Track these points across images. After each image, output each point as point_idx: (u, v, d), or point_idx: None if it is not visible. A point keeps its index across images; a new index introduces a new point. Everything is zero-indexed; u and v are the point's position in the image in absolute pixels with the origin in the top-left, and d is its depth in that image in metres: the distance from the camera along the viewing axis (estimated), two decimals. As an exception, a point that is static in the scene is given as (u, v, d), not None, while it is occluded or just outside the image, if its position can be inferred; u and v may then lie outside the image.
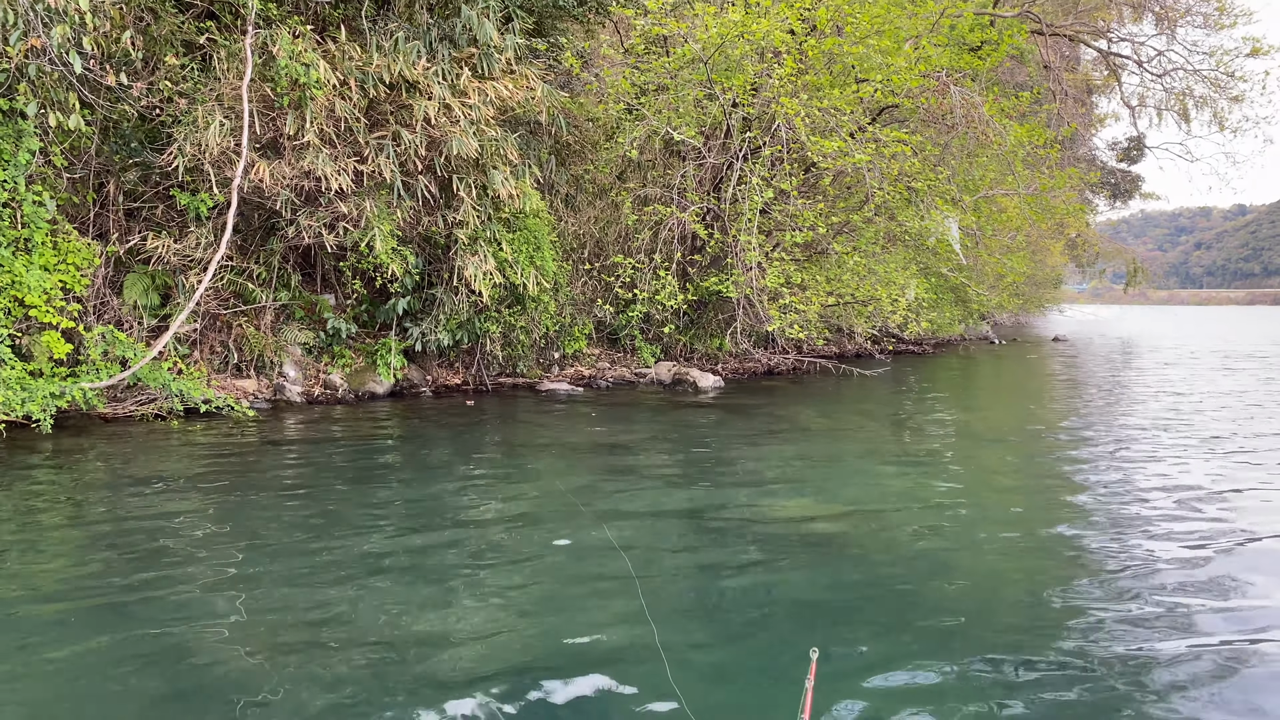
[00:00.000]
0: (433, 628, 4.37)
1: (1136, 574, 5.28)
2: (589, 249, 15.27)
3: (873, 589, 5.04)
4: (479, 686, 3.77)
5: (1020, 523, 6.53)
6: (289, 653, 4.08)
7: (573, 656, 4.08)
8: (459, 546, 5.73)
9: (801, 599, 4.86)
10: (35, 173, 9.51)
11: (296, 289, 12.33)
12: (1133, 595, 4.92)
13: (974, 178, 15.55)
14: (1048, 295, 39.74)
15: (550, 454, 9.00)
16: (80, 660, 4.02)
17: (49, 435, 8.96)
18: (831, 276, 15.31)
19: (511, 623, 4.47)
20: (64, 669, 3.94)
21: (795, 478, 7.97)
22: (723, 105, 13.28)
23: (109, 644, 4.17)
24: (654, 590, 4.93)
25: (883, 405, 13.60)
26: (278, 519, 6.34)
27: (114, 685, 3.78)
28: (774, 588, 5.04)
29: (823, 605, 4.79)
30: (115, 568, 5.27)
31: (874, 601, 4.84)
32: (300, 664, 3.96)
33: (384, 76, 10.81)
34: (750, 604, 4.80)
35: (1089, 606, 4.75)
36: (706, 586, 5.07)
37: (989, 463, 9.11)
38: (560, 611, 4.63)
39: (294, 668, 3.92)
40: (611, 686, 3.80)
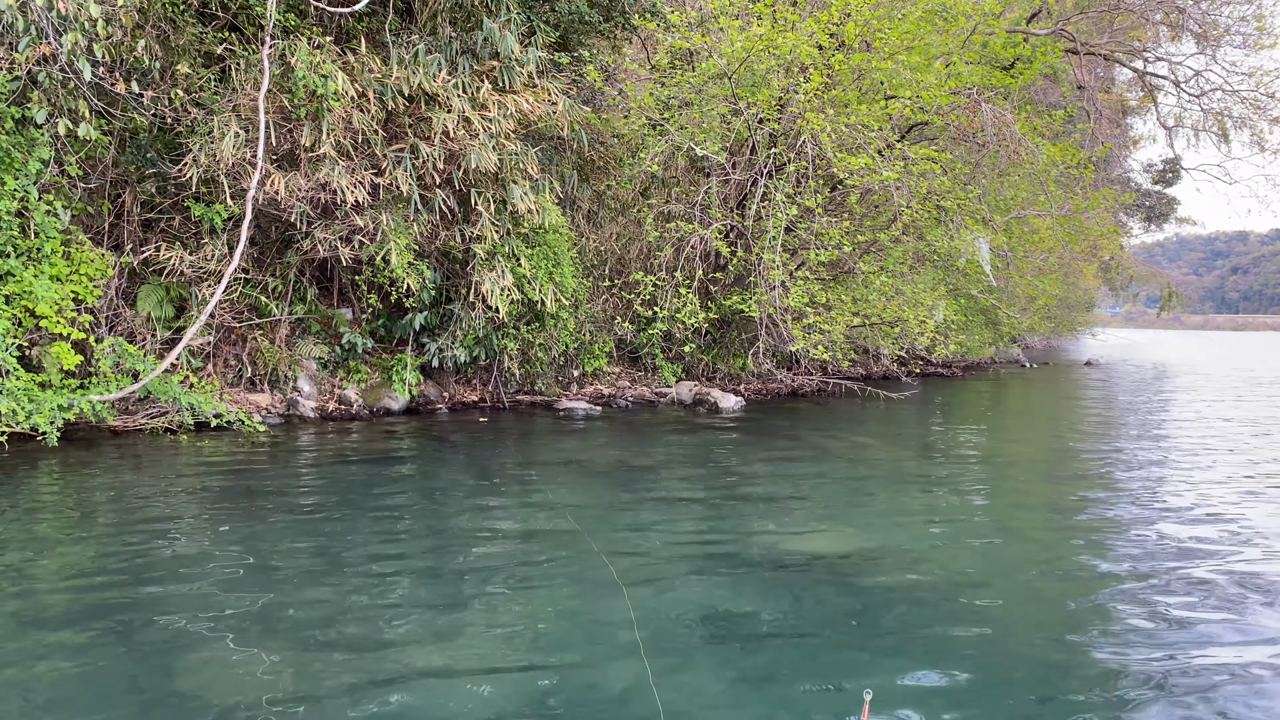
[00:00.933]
0: (414, 663, 4.12)
1: (1173, 609, 4.94)
2: (610, 266, 15.05)
3: (898, 628, 4.73)
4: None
5: (1051, 556, 6.19)
6: (279, 677, 3.87)
7: (560, 707, 3.80)
8: (457, 579, 5.48)
9: (818, 636, 4.56)
10: (49, 182, 9.42)
11: (313, 303, 12.18)
12: (1169, 630, 4.59)
13: (1005, 197, 15.20)
14: (1080, 318, 39.09)
15: (564, 476, 8.74)
16: (78, 677, 3.90)
17: (56, 448, 8.82)
18: (858, 296, 14.99)
19: (500, 660, 4.21)
20: (62, 684, 3.82)
21: (816, 505, 7.66)
22: (747, 121, 13.04)
23: (105, 666, 4.04)
24: (662, 629, 4.65)
25: (909, 429, 13.25)
26: (280, 540, 6.13)
27: (108, 704, 3.64)
28: (790, 625, 4.74)
29: (843, 645, 4.48)
30: (114, 586, 5.11)
31: (899, 641, 4.54)
32: (288, 689, 3.72)
33: (403, 89, 10.67)
34: (764, 645, 4.50)
35: (1120, 642, 4.42)
36: (718, 625, 4.77)
37: (1019, 491, 8.75)
38: (556, 652, 4.36)
39: (283, 693, 3.70)
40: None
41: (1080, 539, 6.74)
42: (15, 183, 8.19)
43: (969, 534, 6.82)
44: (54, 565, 5.57)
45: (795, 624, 4.76)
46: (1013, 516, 7.60)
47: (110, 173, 10.41)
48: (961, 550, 6.27)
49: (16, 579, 5.25)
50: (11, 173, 8.21)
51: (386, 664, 4.10)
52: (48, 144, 8.45)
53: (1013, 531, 7.01)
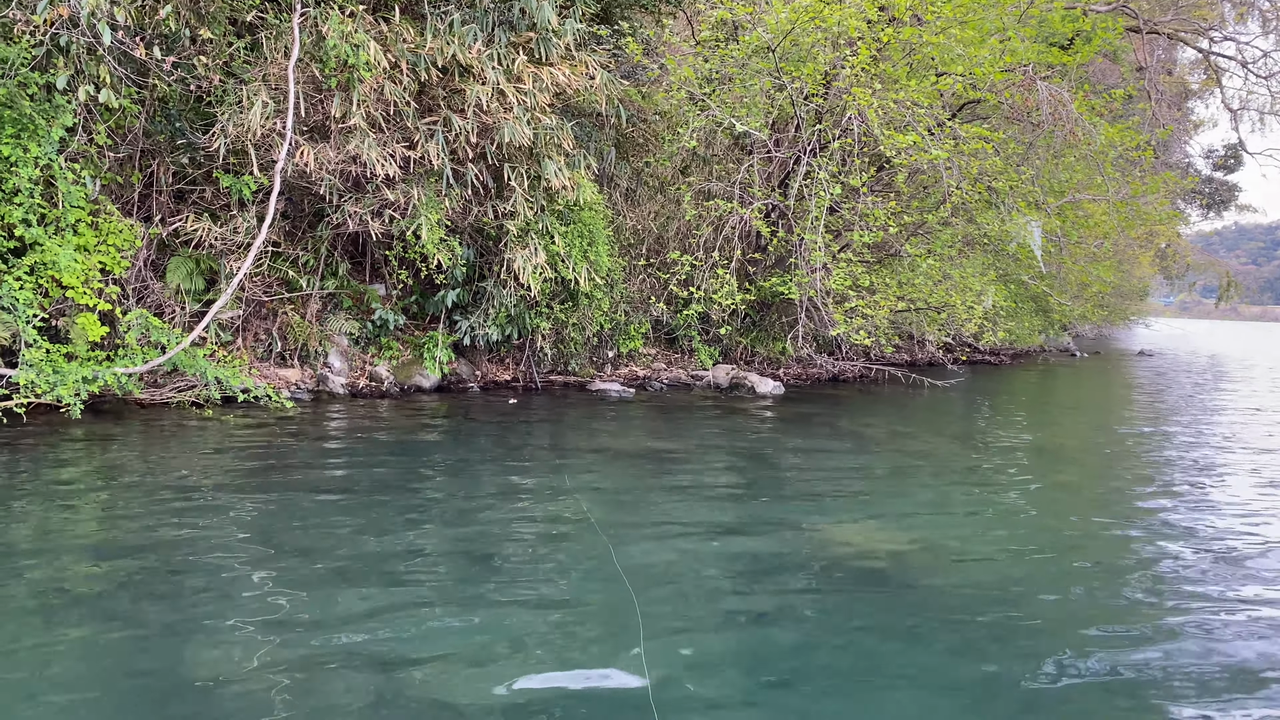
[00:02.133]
0: (406, 653, 3.87)
1: (1233, 616, 4.55)
2: (648, 245, 14.72)
3: (939, 633, 4.40)
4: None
5: (1102, 554, 5.81)
6: (286, 662, 3.71)
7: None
8: (468, 571, 5.24)
9: (852, 637, 4.24)
10: (77, 151, 9.29)
11: (345, 278, 12.00)
12: (1230, 638, 4.20)
13: (1059, 180, 14.60)
14: (1133, 307, 38.04)
15: (591, 462, 8.47)
16: (94, 654, 3.84)
17: (81, 420, 8.71)
18: (904, 280, 14.52)
19: (496, 658, 3.94)
20: (77, 661, 3.79)
21: (852, 497, 7.31)
22: (791, 96, 12.61)
23: (121, 643, 3.98)
24: (676, 629, 4.35)
25: (954, 419, 12.81)
26: (300, 519, 5.95)
27: (119, 684, 3.62)
28: (820, 625, 4.42)
29: (878, 648, 4.16)
30: (132, 562, 4.99)
31: (941, 649, 4.20)
32: (297, 676, 3.52)
33: (437, 60, 10.39)
34: (789, 648, 4.19)
35: (1175, 646, 4.05)
36: (742, 628, 4.47)
37: (1067, 486, 8.33)
38: (555, 656, 4.09)
39: (289, 679, 3.57)
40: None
41: (1132, 537, 6.33)
42: (39, 149, 8.04)
43: (1014, 530, 6.44)
44: (71, 539, 5.46)
45: (825, 624, 4.44)
46: (1060, 512, 7.20)
47: (141, 142, 10.27)
48: (1006, 547, 5.90)
49: (33, 552, 5.13)
50: (35, 140, 8.06)
51: (395, 657, 3.86)
52: (71, 111, 8.28)
53: (1060, 528, 6.62)
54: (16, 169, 8.11)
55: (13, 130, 8.08)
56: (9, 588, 4.60)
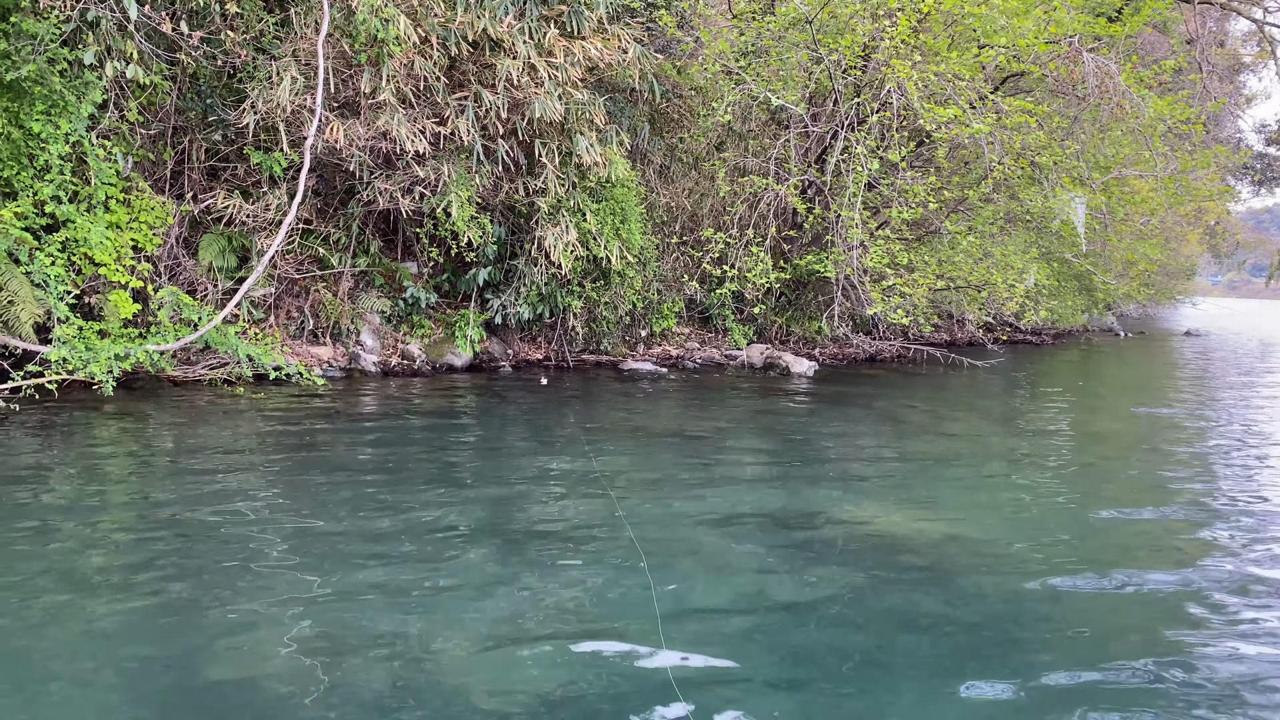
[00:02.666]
0: (431, 635, 3.78)
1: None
2: (682, 223, 14.53)
3: (971, 625, 4.24)
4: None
5: (1146, 545, 5.59)
6: (312, 641, 3.65)
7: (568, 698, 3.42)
8: (494, 550, 5.14)
9: (883, 629, 4.09)
10: (109, 128, 9.27)
11: (376, 255, 11.95)
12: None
13: (1105, 154, 14.18)
14: (1179, 286, 37.16)
15: (619, 442, 8.36)
16: (120, 636, 3.82)
17: (113, 397, 8.73)
18: (943, 258, 14.21)
19: (513, 641, 3.84)
20: (104, 643, 3.78)
21: (888, 482, 7.13)
22: (829, 69, 12.32)
23: (147, 624, 3.95)
24: (701, 620, 4.23)
25: (994, 400, 12.54)
26: (328, 497, 5.92)
27: (146, 663, 3.60)
28: (850, 617, 4.28)
29: (910, 642, 4.01)
30: (161, 543, 4.97)
31: (973, 642, 4.04)
32: (321, 656, 3.46)
33: (467, 34, 10.26)
34: (814, 643, 4.05)
35: (1227, 648, 3.86)
36: (769, 616, 4.34)
37: (1110, 471, 8.09)
38: (583, 638, 3.98)
39: (314, 659, 3.50)
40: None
41: (1178, 527, 6.11)
42: (69, 126, 8.02)
43: (1053, 517, 6.24)
44: (102, 517, 5.46)
45: (853, 612, 4.30)
46: (1103, 499, 6.98)
47: (173, 119, 10.25)
48: (1044, 535, 5.71)
49: (64, 530, 5.14)
50: (65, 116, 8.04)
51: (418, 637, 3.78)
52: (101, 87, 8.25)
53: (1102, 516, 6.40)
54: (47, 145, 8.10)
55: (43, 107, 8.06)
56: (41, 564, 4.59)
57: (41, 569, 4.51)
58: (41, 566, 4.54)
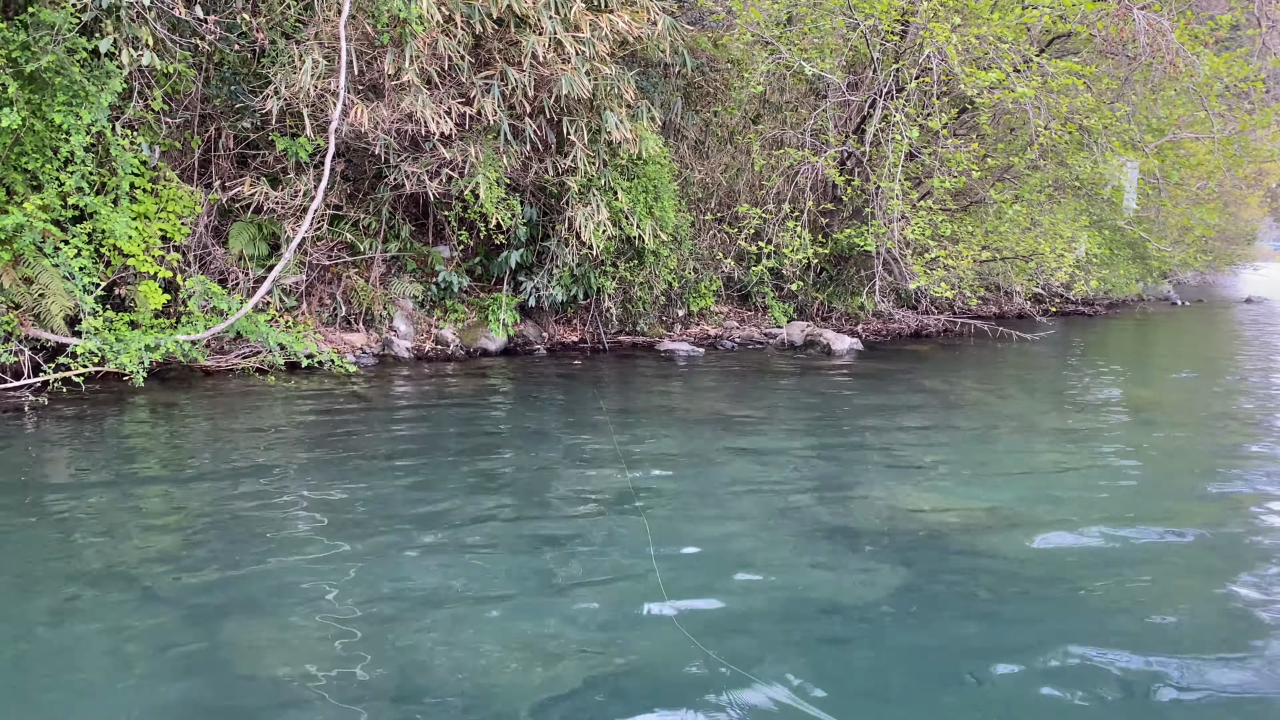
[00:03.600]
0: (455, 631, 3.61)
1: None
2: (718, 199, 14.22)
3: (1020, 614, 3.98)
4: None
5: (1207, 530, 5.26)
6: (339, 634, 3.57)
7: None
8: (524, 545, 4.98)
9: (928, 618, 3.85)
10: (135, 117, 9.21)
11: (408, 240, 11.82)
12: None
13: (1158, 116, 13.59)
14: (1239, 252, 35.93)
15: (656, 425, 8.15)
16: (152, 631, 3.80)
17: (145, 388, 8.70)
18: (989, 228, 13.74)
19: (541, 642, 3.66)
20: (135, 637, 3.75)
21: (933, 464, 6.84)
22: (865, 34, 11.91)
23: (177, 617, 3.93)
24: (736, 612, 4.02)
25: (1045, 375, 12.12)
26: (360, 488, 5.83)
27: (178, 658, 3.58)
28: (898, 605, 4.04)
29: (952, 638, 3.76)
30: (193, 533, 4.94)
31: (1022, 632, 3.79)
32: (340, 652, 3.29)
33: (491, 11, 10.03)
34: (853, 634, 3.82)
35: None
36: (804, 606, 4.11)
37: (1167, 448, 7.71)
38: (608, 640, 3.78)
39: (340, 652, 3.35)
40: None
41: (1243, 507, 5.76)
42: (90, 116, 7.95)
43: (1108, 499, 5.92)
44: (134, 506, 5.44)
45: (896, 600, 4.05)
46: (1160, 479, 6.64)
47: (199, 107, 10.16)
48: (1099, 518, 5.40)
49: (97, 523, 5.10)
50: (87, 107, 7.97)
51: (447, 645, 3.61)
52: (121, 76, 8.16)
53: (1160, 498, 6.07)
54: (70, 137, 8.04)
55: (64, 98, 7.99)
56: (76, 559, 4.55)
57: (71, 568, 4.43)
58: (71, 566, 4.46)
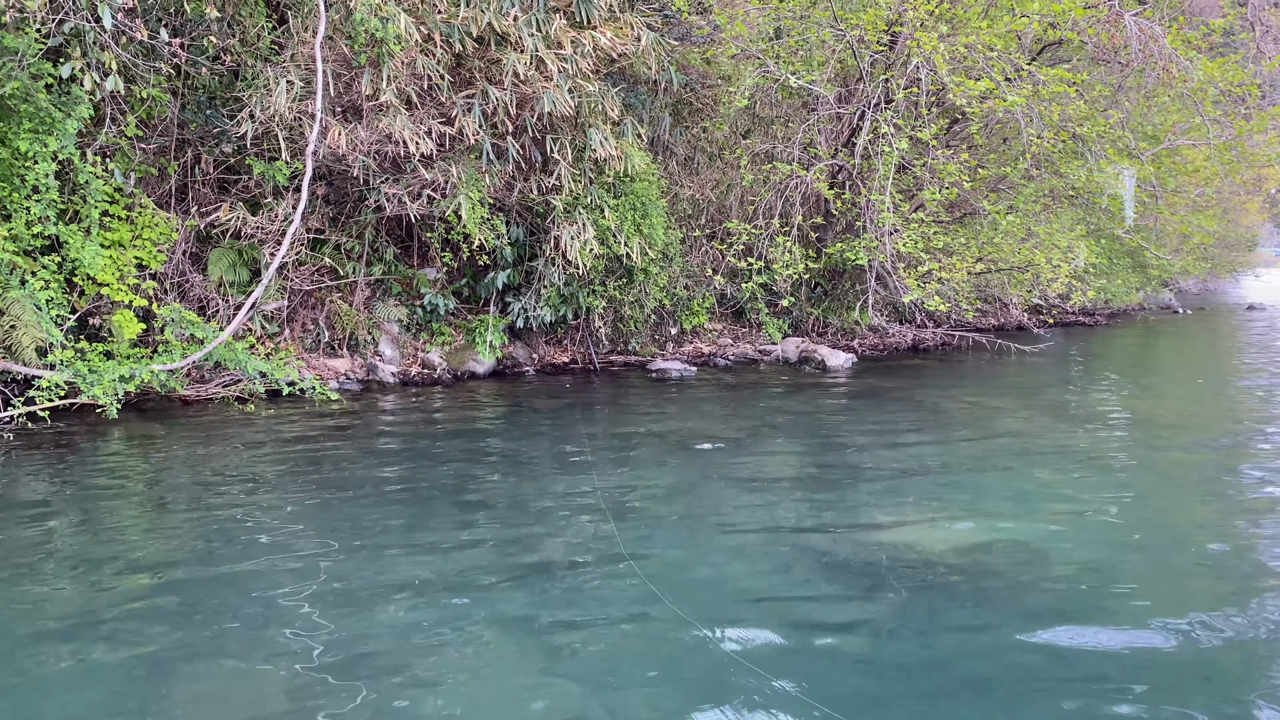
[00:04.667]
0: (433, 678, 3.38)
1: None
2: (709, 215, 14.02)
3: (1023, 655, 3.74)
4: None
5: (1220, 556, 5.02)
6: (318, 679, 3.45)
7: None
8: (507, 584, 4.74)
9: (918, 665, 3.61)
10: (107, 144, 9.04)
11: (392, 263, 11.63)
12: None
13: (1153, 123, 13.39)
14: (1240, 258, 35.67)
15: (644, 450, 7.92)
16: (127, 671, 3.70)
17: (119, 420, 8.48)
18: (984, 240, 13.53)
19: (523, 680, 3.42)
20: (109, 677, 3.66)
21: (930, 487, 6.61)
22: (851, 45, 11.73)
23: (151, 661, 3.78)
24: (732, 643, 3.78)
25: (1044, 389, 11.87)
26: (338, 525, 5.63)
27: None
28: (883, 653, 3.80)
29: (950, 681, 3.52)
30: (163, 571, 4.80)
31: (1025, 674, 3.55)
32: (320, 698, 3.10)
33: (471, 29, 9.87)
34: (846, 676, 3.58)
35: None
36: (793, 643, 3.87)
37: (1174, 467, 7.47)
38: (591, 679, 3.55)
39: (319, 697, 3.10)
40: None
41: (1256, 532, 5.52)
42: (56, 143, 7.77)
43: (1113, 523, 5.69)
44: (100, 548, 5.23)
45: (891, 640, 3.82)
46: (1167, 501, 6.40)
47: (175, 132, 9.99)
48: (1103, 545, 5.16)
49: (66, 565, 4.93)
50: (53, 134, 7.79)
51: (423, 678, 3.38)
52: (89, 102, 7.98)
53: (1168, 522, 5.83)
54: (36, 164, 7.86)
55: (30, 125, 7.82)
56: (41, 601, 4.37)
57: (35, 611, 4.21)
58: (35, 609, 4.23)
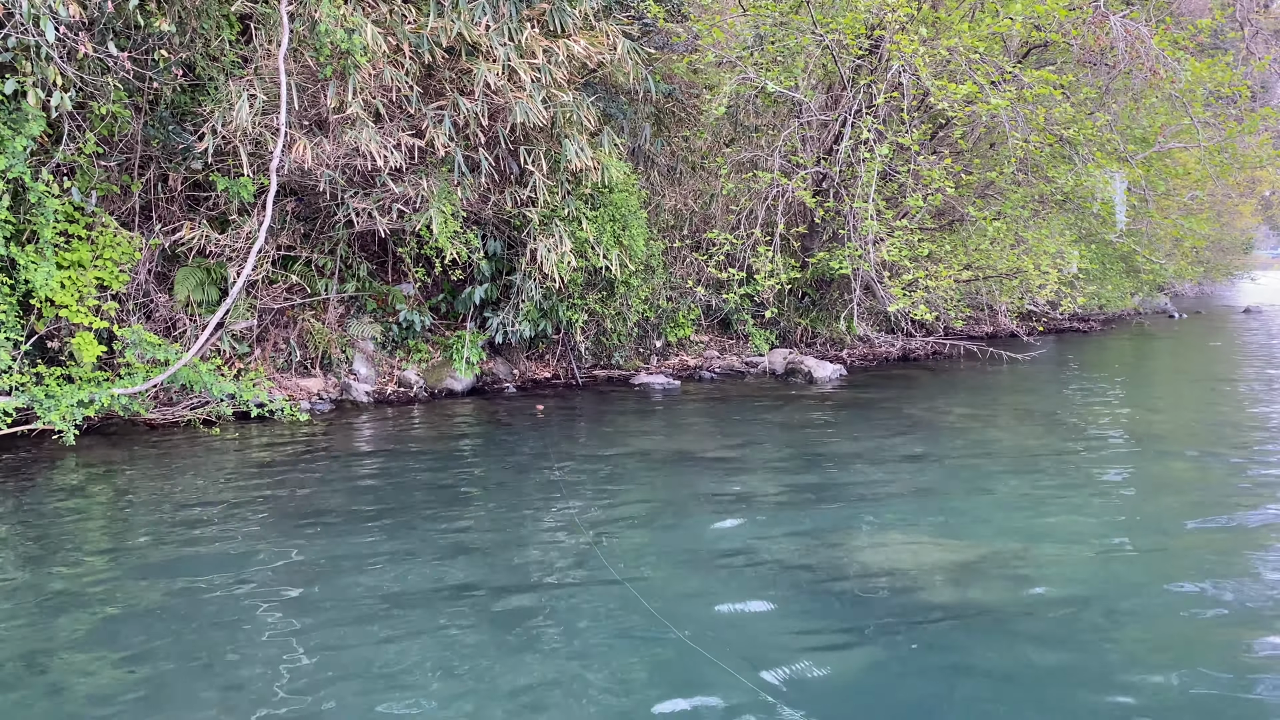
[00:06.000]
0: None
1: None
2: (691, 226, 13.77)
3: (1017, 682, 3.46)
4: None
5: (1225, 575, 4.75)
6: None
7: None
8: (482, 618, 4.47)
9: (907, 696, 3.34)
10: (66, 162, 8.79)
11: (366, 279, 11.36)
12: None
13: (1141, 126, 13.15)
14: (1235, 262, 35.45)
15: (623, 470, 7.65)
16: None
17: (79, 447, 8.20)
18: (972, 246, 13.28)
19: None
20: None
21: (919, 505, 6.35)
22: (830, 49, 11.50)
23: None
24: (714, 675, 3.51)
25: (1037, 398, 11.60)
26: (304, 558, 5.35)
27: None
28: (872, 680, 3.53)
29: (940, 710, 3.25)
30: (109, 619, 4.48)
31: (1018, 704, 3.28)
32: None
33: (441, 39, 9.63)
34: (835, 704, 3.31)
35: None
36: (777, 675, 3.60)
37: (1173, 481, 7.21)
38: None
39: None
40: None
41: (1260, 546, 5.25)
42: (5, 162, 7.50)
43: (1109, 541, 5.42)
44: (47, 586, 4.95)
45: (880, 667, 3.55)
46: (1167, 518, 6.12)
47: (139, 149, 9.73)
48: (1098, 564, 4.90)
49: (9, 596, 4.71)
50: (1, 152, 7.52)
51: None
52: (41, 120, 7.72)
53: (1166, 540, 5.56)
54: (-16, 185, 7.60)
55: (-22, 143, 7.55)
56: None
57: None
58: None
